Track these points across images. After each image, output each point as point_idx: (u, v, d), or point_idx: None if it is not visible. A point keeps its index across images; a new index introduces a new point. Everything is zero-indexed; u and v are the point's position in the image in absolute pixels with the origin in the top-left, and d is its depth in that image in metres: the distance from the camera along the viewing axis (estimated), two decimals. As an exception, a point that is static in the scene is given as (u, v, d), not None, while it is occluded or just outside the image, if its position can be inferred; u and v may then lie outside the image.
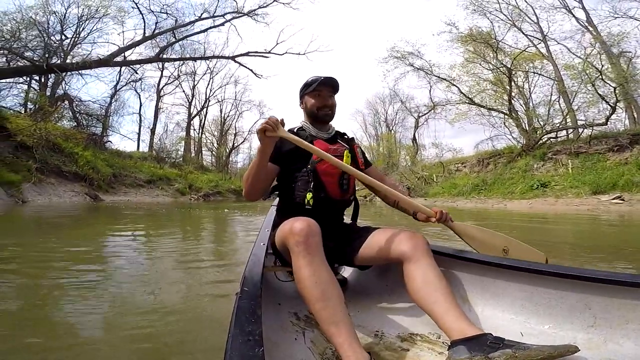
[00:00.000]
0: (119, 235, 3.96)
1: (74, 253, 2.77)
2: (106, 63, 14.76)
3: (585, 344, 0.89)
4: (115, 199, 12.80)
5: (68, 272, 2.15)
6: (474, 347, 0.79)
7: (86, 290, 1.80)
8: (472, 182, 16.46)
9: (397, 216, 6.52)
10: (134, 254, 2.88)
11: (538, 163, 14.08)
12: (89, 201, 11.06)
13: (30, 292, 1.78)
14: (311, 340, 1.05)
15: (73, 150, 13.17)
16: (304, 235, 0.93)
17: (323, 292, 0.88)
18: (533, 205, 9.91)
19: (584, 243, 3.65)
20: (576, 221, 6.01)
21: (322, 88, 1.37)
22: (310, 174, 1.27)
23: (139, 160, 20.01)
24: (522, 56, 17.01)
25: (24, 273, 2.14)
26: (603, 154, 12.21)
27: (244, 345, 0.57)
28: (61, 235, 3.82)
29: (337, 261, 1.33)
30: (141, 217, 6.67)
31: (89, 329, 1.35)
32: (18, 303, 1.65)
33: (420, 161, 29.01)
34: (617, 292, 0.91)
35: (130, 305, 1.61)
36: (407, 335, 1.09)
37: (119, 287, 1.89)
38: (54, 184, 10.73)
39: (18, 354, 1.16)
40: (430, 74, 18.78)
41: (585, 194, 9.38)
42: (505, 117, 17.01)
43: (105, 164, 14.69)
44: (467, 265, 1.21)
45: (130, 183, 15.56)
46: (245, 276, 0.92)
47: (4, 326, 1.36)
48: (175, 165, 23.01)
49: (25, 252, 2.74)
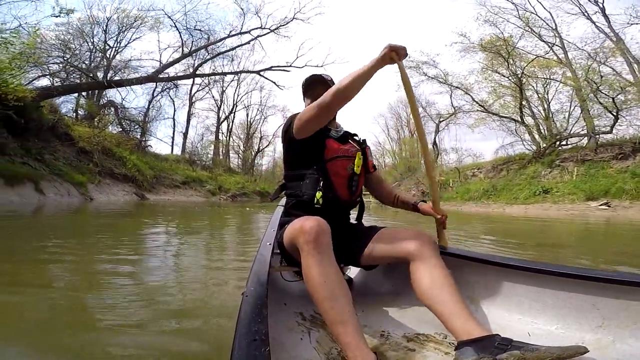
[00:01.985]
0: (161, 228, 4.85)
1: (128, 242, 3.50)
2: (153, 79, 16.86)
3: (594, 344, 0.88)
4: (157, 197, 14.66)
5: (121, 255, 2.66)
6: (481, 349, 0.79)
7: (126, 274, 2.15)
8: (483, 188, 17.16)
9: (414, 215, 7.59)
10: (169, 247, 3.45)
11: (546, 170, 14.67)
12: (137, 199, 12.90)
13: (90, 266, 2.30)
14: (317, 340, 1.05)
15: (122, 155, 15.17)
16: (314, 234, 0.93)
17: (331, 292, 0.88)
18: (528, 210, 10.75)
19: (535, 238, 4.71)
20: (551, 223, 6.95)
21: (321, 87, 1.34)
22: (320, 172, 1.25)
23: (174, 163, 22.10)
24: (539, 63, 17.53)
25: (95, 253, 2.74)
26: (607, 161, 12.72)
27: (249, 345, 0.58)
28: (121, 227, 4.89)
29: (343, 261, 1.31)
30: (180, 214, 7.90)
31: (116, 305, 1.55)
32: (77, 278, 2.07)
33: (440, 166, 29.60)
34: (626, 292, 0.91)
35: (151, 296, 1.73)
36: (413, 335, 1.09)
37: (145, 276, 2.15)
38: (109, 184, 12.64)
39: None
40: (444, 83, 19.57)
41: (579, 200, 10.13)
42: (517, 125, 17.57)
43: (148, 167, 16.65)
44: (474, 265, 1.22)
45: (169, 184, 17.49)
46: (251, 276, 0.93)
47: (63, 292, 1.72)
48: (205, 168, 25.02)
49: (93, 239, 3.49)
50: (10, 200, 6.79)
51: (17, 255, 2.46)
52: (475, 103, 18.47)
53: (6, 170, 7.31)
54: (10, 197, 6.91)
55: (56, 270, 2.19)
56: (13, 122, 9.68)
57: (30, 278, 1.99)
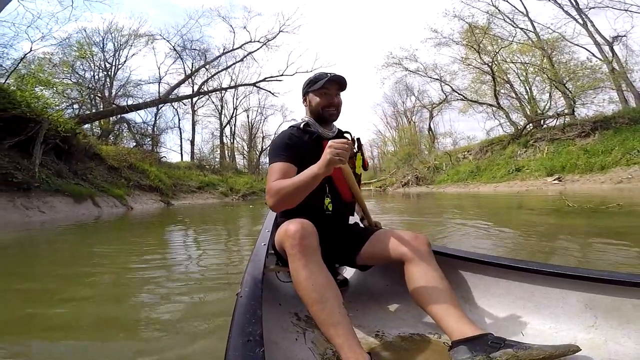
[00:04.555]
0: (185, 227, 6.17)
1: (163, 240, 4.63)
2: (165, 101, 18.92)
3: (586, 343, 0.88)
4: (179, 203, 16.56)
5: (156, 253, 3.27)
6: (475, 347, 0.81)
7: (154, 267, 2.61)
8: (469, 169, 18.84)
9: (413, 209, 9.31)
10: (187, 244, 4.17)
11: (522, 150, 16.41)
12: (164, 206, 14.82)
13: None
14: (312, 341, 1.06)
15: (144, 168, 17.06)
16: (298, 238, 0.94)
17: (320, 294, 0.88)
18: (497, 188, 12.57)
19: (464, 208, 6.53)
20: (496, 198, 8.73)
21: (329, 86, 1.32)
22: (325, 179, 1.15)
23: (187, 170, 23.98)
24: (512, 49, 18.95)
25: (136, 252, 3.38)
26: (573, 139, 14.43)
27: (244, 346, 0.58)
28: (157, 229, 6.36)
29: (339, 261, 1.34)
30: (200, 215, 9.64)
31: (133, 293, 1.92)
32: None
33: (436, 150, 31.18)
34: (618, 291, 0.92)
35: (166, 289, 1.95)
36: (408, 335, 1.09)
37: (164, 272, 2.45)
38: (139, 195, 14.53)
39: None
40: (425, 75, 21.23)
41: (541, 176, 11.90)
42: (493, 109, 19.23)
43: (167, 176, 18.53)
44: (468, 265, 1.23)
45: (186, 190, 19.39)
46: (246, 276, 0.92)
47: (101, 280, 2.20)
48: (215, 172, 26.90)
49: (135, 240, 4.49)
50: (82, 213, 8.70)
51: (109, 245, 4.30)
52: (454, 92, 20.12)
53: (72, 191, 9.19)
54: (81, 212, 8.82)
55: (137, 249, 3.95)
56: (60, 149, 11.55)
57: (125, 258, 3.07)
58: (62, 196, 8.79)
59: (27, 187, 7.95)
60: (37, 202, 7.91)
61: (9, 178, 7.57)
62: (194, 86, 31.12)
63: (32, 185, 8.13)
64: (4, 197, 7.14)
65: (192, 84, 23.98)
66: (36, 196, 8.04)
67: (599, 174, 9.91)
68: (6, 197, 7.19)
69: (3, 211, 6.72)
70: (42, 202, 8.03)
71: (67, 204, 8.69)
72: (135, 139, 22.72)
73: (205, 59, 21.59)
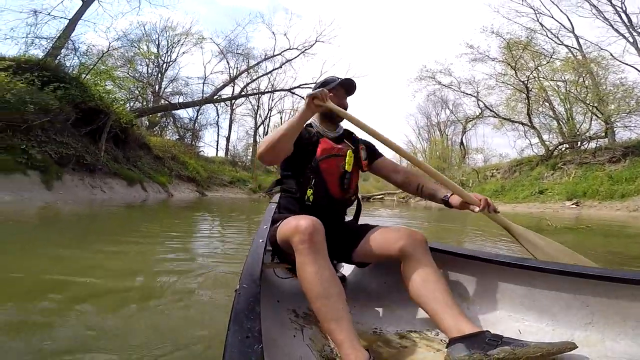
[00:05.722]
0: (215, 217, 7.43)
1: (193, 224, 5.60)
2: (211, 101, 20.74)
3: (583, 341, 0.89)
4: (212, 194, 17.98)
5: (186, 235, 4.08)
6: (472, 345, 0.82)
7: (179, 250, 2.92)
8: (494, 188, 18.81)
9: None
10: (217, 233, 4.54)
11: (549, 172, 16.25)
12: (199, 196, 16.24)
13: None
14: (310, 337, 1.07)
15: (184, 160, 18.68)
16: (309, 234, 0.96)
17: (325, 290, 0.90)
18: (516, 208, 12.73)
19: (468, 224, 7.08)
20: (511, 216, 9.11)
21: (340, 89, 1.39)
22: (313, 171, 1.28)
23: (220, 165, 25.64)
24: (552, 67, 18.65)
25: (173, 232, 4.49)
26: (603, 164, 14.20)
27: (242, 342, 0.58)
28: (191, 213, 8.08)
29: (336, 258, 1.33)
30: (230, 207, 10.81)
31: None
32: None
33: (466, 165, 30.90)
34: (615, 289, 0.93)
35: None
36: (405, 332, 1.10)
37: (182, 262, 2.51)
38: (179, 184, 16.04)
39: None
40: (458, 90, 21.37)
41: (560, 200, 11.98)
42: (525, 128, 19.08)
43: (203, 169, 20.10)
44: (465, 262, 1.24)
45: (219, 183, 20.89)
46: (244, 273, 0.92)
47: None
48: (246, 169, 28.44)
49: (172, 223, 5.83)
50: (133, 196, 10.08)
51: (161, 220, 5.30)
52: (487, 109, 20.14)
53: (126, 175, 10.64)
54: (133, 194, 10.21)
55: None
56: (118, 137, 13.20)
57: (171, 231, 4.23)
58: (118, 179, 10.23)
59: (93, 169, 9.42)
60: (100, 182, 9.34)
61: (81, 160, 9.04)
62: (235, 86, 33.56)
63: (97, 167, 9.60)
64: (77, 175, 8.58)
65: (233, 85, 26.07)
66: (99, 177, 9.49)
67: (617, 202, 9.96)
68: (78, 176, 8.63)
69: (76, 188, 8.12)
70: (104, 183, 9.47)
71: (122, 186, 10.12)
72: (178, 132, 24.69)
73: (248, 62, 23.28)
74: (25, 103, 7.80)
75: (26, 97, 7.95)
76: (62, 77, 10.42)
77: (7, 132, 7.44)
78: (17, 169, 6.61)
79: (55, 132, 8.88)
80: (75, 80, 10.90)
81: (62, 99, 9.60)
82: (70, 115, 9.70)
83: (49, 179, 7.25)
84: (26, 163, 6.94)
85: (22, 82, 8.32)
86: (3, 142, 7.12)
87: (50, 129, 8.75)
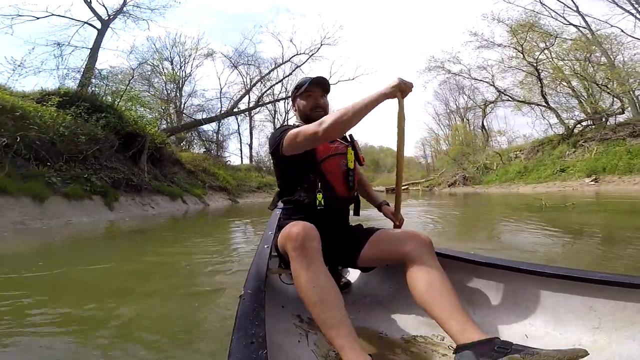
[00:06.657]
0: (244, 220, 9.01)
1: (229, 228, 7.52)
2: (231, 114, 22.23)
3: (591, 346, 0.88)
4: (243, 201, 19.16)
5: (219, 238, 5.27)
6: (480, 352, 0.80)
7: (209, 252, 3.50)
8: (517, 170, 18.87)
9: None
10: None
11: (570, 150, 16.22)
12: (232, 203, 17.43)
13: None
14: (314, 343, 1.07)
15: (215, 171, 19.99)
16: (300, 240, 0.96)
17: (321, 297, 0.90)
18: (535, 189, 12.94)
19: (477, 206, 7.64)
20: (523, 198, 9.44)
21: (313, 89, 1.41)
22: (317, 174, 1.27)
23: (247, 172, 26.91)
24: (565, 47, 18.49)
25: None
26: (624, 139, 14.09)
27: (247, 348, 0.58)
28: (224, 221, 9.10)
29: (341, 263, 1.35)
30: (259, 211, 12.03)
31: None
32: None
33: (491, 148, 30.59)
34: (622, 293, 0.92)
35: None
36: (411, 337, 1.10)
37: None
38: (212, 194, 17.27)
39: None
40: (469, 77, 21.44)
41: (581, 177, 12.10)
42: (542, 109, 18.96)
43: (232, 178, 21.36)
44: (470, 267, 1.24)
45: (247, 189, 22.09)
46: (249, 279, 0.93)
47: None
48: (271, 173, 29.60)
49: (207, 229, 7.61)
50: (177, 209, 11.26)
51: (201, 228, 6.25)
52: (502, 93, 20.12)
53: (167, 191, 11.85)
54: (176, 207, 11.40)
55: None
56: (153, 157, 14.53)
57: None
58: (162, 195, 11.44)
59: (139, 189, 10.63)
60: (148, 200, 10.55)
61: (129, 182, 10.28)
62: (250, 95, 35.30)
63: (142, 186, 10.83)
64: (129, 196, 9.80)
65: (249, 95, 27.55)
66: (146, 195, 10.71)
67: (636, 175, 10.06)
68: (130, 196, 9.85)
69: (130, 207, 9.32)
70: (151, 200, 10.67)
71: (166, 201, 11.31)
72: (204, 145, 26.16)
73: (260, 71, 24.71)
74: (76, 135, 9.03)
75: (77, 129, 9.19)
76: (99, 105, 11.70)
77: (70, 164, 8.71)
78: (85, 195, 7.81)
79: (105, 159, 10.13)
80: (111, 108, 12.13)
81: (105, 127, 10.88)
82: (114, 142, 10.97)
83: (110, 202, 8.44)
84: (90, 190, 8.14)
85: (70, 114, 9.62)
86: (68, 173, 8.37)
87: (100, 156, 10.00)
